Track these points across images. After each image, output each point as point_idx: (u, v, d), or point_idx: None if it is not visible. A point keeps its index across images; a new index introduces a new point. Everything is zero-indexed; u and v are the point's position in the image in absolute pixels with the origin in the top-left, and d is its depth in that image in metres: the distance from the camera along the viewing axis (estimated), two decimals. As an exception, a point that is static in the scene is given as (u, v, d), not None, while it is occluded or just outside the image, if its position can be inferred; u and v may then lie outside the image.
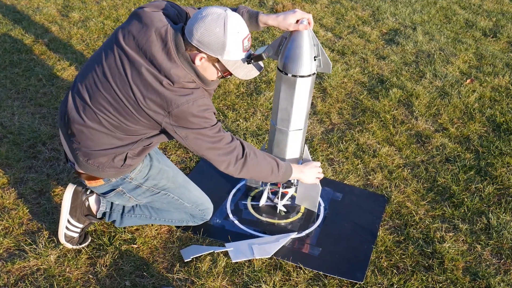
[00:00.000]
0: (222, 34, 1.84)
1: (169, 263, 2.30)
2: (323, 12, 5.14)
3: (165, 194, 2.31)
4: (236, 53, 1.91)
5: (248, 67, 1.98)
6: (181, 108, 1.89)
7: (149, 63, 1.88)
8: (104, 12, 4.72)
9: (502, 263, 2.42)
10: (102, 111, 1.99)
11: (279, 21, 2.11)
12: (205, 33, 1.84)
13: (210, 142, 2.01)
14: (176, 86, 1.89)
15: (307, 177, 2.39)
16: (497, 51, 4.55)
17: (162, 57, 1.88)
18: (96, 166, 2.09)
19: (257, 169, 2.17)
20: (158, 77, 1.88)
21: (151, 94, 1.89)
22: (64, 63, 3.82)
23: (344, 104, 3.61)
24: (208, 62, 1.93)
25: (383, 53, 4.37)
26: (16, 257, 2.27)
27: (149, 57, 1.88)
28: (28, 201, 2.56)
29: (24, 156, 2.86)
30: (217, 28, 1.83)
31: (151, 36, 1.89)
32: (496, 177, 2.95)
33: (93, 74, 1.99)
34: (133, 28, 1.94)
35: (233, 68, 1.94)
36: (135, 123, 1.98)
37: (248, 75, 2.00)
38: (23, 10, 4.64)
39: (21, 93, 3.45)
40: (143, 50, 1.89)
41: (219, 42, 1.86)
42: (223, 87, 3.68)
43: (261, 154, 2.18)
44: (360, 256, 2.40)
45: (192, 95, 1.91)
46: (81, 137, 2.06)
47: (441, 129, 3.41)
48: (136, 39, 1.90)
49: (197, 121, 1.95)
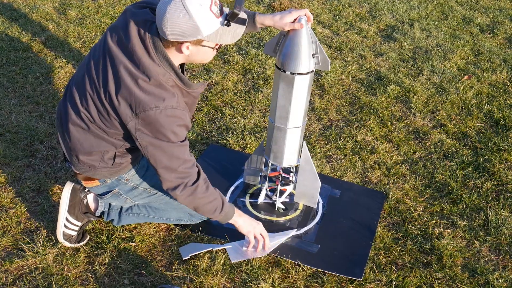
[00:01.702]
0: (187, 18, 1.77)
1: (168, 261, 2.30)
2: (320, 9, 5.13)
3: (162, 195, 2.30)
4: (212, 24, 1.83)
5: (232, 28, 1.89)
6: (148, 113, 1.83)
7: (128, 60, 1.86)
8: (101, 9, 4.71)
9: (500, 259, 2.43)
10: (88, 111, 1.98)
11: (275, 20, 2.09)
12: (173, 25, 1.79)
13: (169, 160, 1.94)
14: (152, 84, 1.84)
15: (244, 224, 2.29)
16: (495, 47, 4.55)
17: (142, 53, 1.85)
18: (88, 166, 2.10)
19: (201, 202, 2.10)
20: (134, 75, 1.84)
21: (123, 92, 1.85)
22: (62, 61, 3.81)
23: (342, 101, 3.61)
24: (195, 46, 1.88)
25: (381, 50, 4.37)
26: (14, 256, 2.26)
27: (130, 54, 1.86)
28: (26, 200, 2.56)
29: (22, 155, 2.86)
30: (180, 14, 1.77)
31: (132, 33, 1.87)
32: (494, 173, 2.96)
33: (84, 74, 2.00)
34: (119, 26, 1.93)
35: (219, 38, 1.88)
36: (111, 124, 1.96)
37: (235, 36, 1.92)
38: (19, 8, 4.62)
39: (18, 91, 3.44)
40: (125, 46, 1.87)
41: (191, 26, 1.79)
42: (221, 84, 3.67)
43: (212, 191, 2.11)
44: (358, 252, 2.40)
45: (163, 103, 1.83)
46: (71, 137, 2.07)
47: (439, 125, 3.41)
48: (120, 37, 1.90)
49: (163, 132, 1.87)
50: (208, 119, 3.30)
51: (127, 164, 2.14)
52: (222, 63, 3.98)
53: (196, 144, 3.05)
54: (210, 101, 3.47)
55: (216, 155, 2.98)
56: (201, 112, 3.36)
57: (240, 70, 3.88)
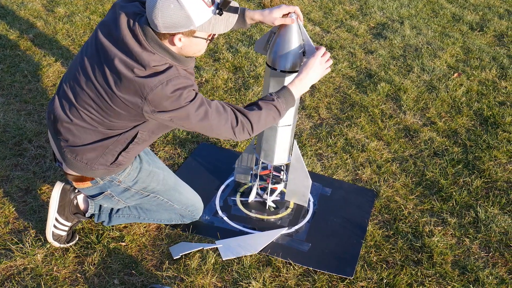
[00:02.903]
0: (179, 8, 1.74)
1: (158, 260, 2.28)
2: (310, 6, 5.13)
3: (155, 197, 2.29)
4: (204, 14, 1.80)
5: (224, 17, 1.86)
6: (156, 91, 1.81)
7: (121, 52, 1.83)
8: (90, 7, 4.67)
9: (490, 256, 2.44)
10: (86, 109, 1.95)
11: (264, 15, 2.08)
12: (164, 17, 1.76)
13: (198, 117, 1.91)
14: (148, 71, 1.82)
15: (315, 77, 2.08)
16: (484, 45, 4.57)
17: (133, 43, 1.83)
18: (84, 163, 2.06)
19: (263, 124, 2.02)
20: (129, 65, 1.81)
21: (124, 83, 1.83)
22: (50, 59, 3.77)
23: (332, 98, 3.61)
24: (187, 38, 1.85)
25: (371, 48, 4.38)
26: (2, 256, 2.24)
27: (121, 45, 1.83)
28: (14, 200, 2.53)
29: (10, 154, 2.82)
30: (171, 4, 1.74)
31: (122, 26, 1.85)
32: (483, 171, 2.97)
33: (76, 72, 1.96)
34: (109, 20, 1.91)
35: (212, 28, 1.84)
36: (118, 117, 1.93)
37: (228, 25, 1.88)
38: (7, 5, 4.57)
39: (6, 90, 3.40)
40: (116, 39, 1.85)
41: (182, 16, 1.76)
42: (211, 82, 3.65)
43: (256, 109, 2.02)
44: (349, 251, 2.40)
45: (164, 74, 1.81)
46: (68, 134, 2.03)
47: (429, 123, 3.42)
48: (110, 31, 1.88)
49: (175, 101, 1.84)
50: (198, 117, 3.28)
51: (124, 163, 2.10)
52: (212, 61, 3.97)
53: (186, 143, 3.03)
54: (201, 99, 3.45)
55: (206, 154, 2.97)
56: (192, 110, 3.33)
57: (230, 68, 3.87)
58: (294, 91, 2.07)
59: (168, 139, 3.04)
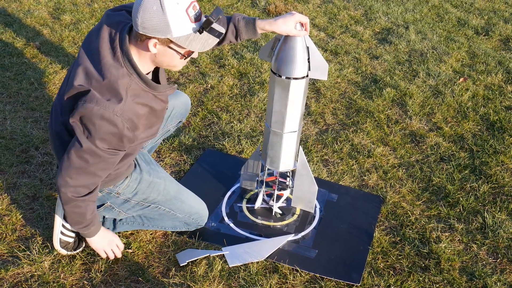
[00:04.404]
0: (160, 12, 1.70)
1: (165, 267, 2.28)
2: (315, 12, 5.13)
3: (156, 207, 2.28)
4: (184, 27, 1.75)
5: (204, 37, 1.79)
6: (87, 105, 1.75)
7: (89, 61, 1.81)
8: (95, 14, 4.69)
9: (498, 262, 2.42)
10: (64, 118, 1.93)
11: (278, 25, 2.04)
12: (144, 16, 1.72)
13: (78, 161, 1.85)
14: (104, 84, 1.77)
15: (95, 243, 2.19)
16: (490, 49, 4.56)
17: (107, 53, 1.81)
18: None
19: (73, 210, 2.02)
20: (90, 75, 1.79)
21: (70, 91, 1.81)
22: (56, 66, 3.79)
23: (338, 104, 3.61)
24: (162, 46, 1.79)
25: (376, 53, 4.37)
26: (9, 263, 2.24)
27: (93, 54, 1.82)
28: (21, 207, 2.54)
29: (17, 161, 2.84)
30: (154, 6, 1.70)
31: (103, 34, 1.85)
32: (490, 176, 2.96)
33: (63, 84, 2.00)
34: (94, 29, 1.92)
35: (187, 43, 1.78)
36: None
37: (205, 45, 1.82)
38: (14, 13, 4.60)
39: (13, 97, 3.42)
40: (91, 48, 1.85)
41: (161, 21, 1.71)
42: (217, 88, 3.66)
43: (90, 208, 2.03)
44: (356, 257, 2.39)
45: (105, 103, 1.75)
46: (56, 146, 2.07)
47: (435, 128, 3.41)
48: (91, 40, 1.88)
49: (91, 131, 1.78)
50: (204, 124, 3.29)
51: (121, 173, 2.09)
52: (217, 67, 3.98)
53: (192, 149, 3.04)
54: (206, 106, 3.46)
55: (212, 160, 2.97)
56: (197, 116, 3.35)
57: (236, 74, 3.87)
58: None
59: (174, 146, 3.05)
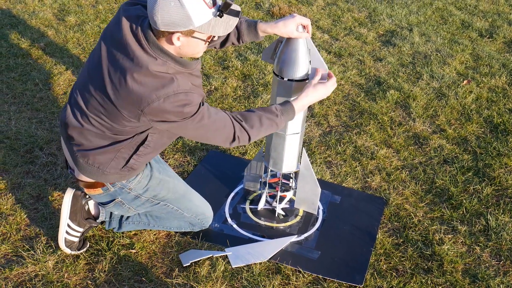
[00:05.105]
0: (179, 6, 1.73)
1: (168, 268, 2.29)
2: (319, 14, 5.14)
3: (165, 205, 2.30)
4: (204, 14, 1.78)
5: (225, 20, 1.83)
6: (152, 106, 1.81)
7: (122, 55, 1.84)
8: (100, 15, 4.71)
9: (501, 265, 2.42)
10: (97, 115, 1.96)
11: (279, 28, 2.07)
12: (164, 14, 1.75)
13: (195, 131, 1.95)
14: (147, 75, 1.81)
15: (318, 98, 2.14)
16: (494, 52, 4.56)
17: (136, 47, 1.83)
18: (96, 167, 2.06)
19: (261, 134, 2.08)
20: (129, 70, 1.81)
21: (122, 92, 1.83)
22: (61, 67, 3.81)
23: (341, 106, 3.61)
24: (186, 37, 1.82)
25: (380, 55, 4.38)
26: (14, 263, 2.26)
27: (123, 47, 1.84)
28: (25, 207, 2.55)
29: (21, 161, 2.85)
30: (172, 2, 1.73)
31: (124, 28, 1.86)
32: (494, 178, 2.96)
33: (85, 80, 1.99)
34: (112, 24, 1.93)
35: (211, 30, 1.81)
36: (126, 122, 1.93)
37: (228, 28, 1.86)
38: (19, 14, 4.63)
39: (18, 98, 3.44)
40: (118, 42, 1.86)
41: (182, 15, 1.74)
42: (220, 90, 3.67)
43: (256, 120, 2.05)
44: (359, 259, 2.39)
45: (162, 90, 1.80)
46: (80, 139, 2.04)
47: (439, 130, 3.41)
48: (113, 34, 1.89)
49: (173, 116, 1.85)
50: (207, 125, 3.29)
51: (136, 167, 2.11)
52: (221, 69, 3.99)
53: (196, 151, 3.05)
54: (210, 107, 3.46)
55: (216, 162, 2.98)
56: (201, 118, 3.35)
57: (239, 76, 3.88)
58: (297, 108, 2.13)
59: (178, 147, 3.06)
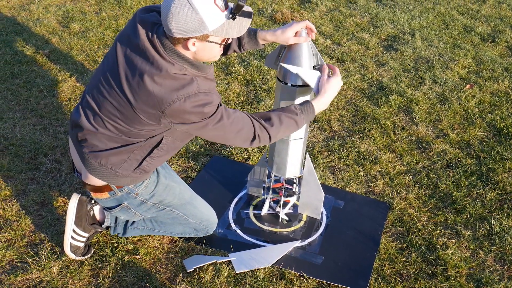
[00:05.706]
0: (192, 12, 1.76)
1: (172, 273, 2.30)
2: (322, 20, 5.16)
3: (171, 211, 2.31)
4: (218, 18, 1.81)
5: (238, 21, 1.87)
6: (173, 106, 1.84)
7: (142, 59, 1.86)
8: (104, 22, 4.74)
9: (505, 269, 2.42)
10: (111, 118, 1.98)
11: (277, 35, 2.11)
12: (178, 21, 1.78)
13: (215, 131, 1.96)
14: (167, 77, 1.84)
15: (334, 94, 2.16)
16: (496, 56, 4.56)
17: (153, 52, 1.86)
18: (108, 168, 2.07)
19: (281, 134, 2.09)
20: (148, 73, 1.83)
21: (141, 94, 1.85)
22: (65, 74, 3.83)
23: (344, 111, 3.62)
24: (201, 42, 1.86)
25: (382, 60, 4.39)
26: (18, 269, 2.27)
27: (141, 52, 1.87)
28: (30, 213, 2.56)
29: (26, 168, 2.87)
30: (185, 9, 1.76)
31: (141, 34, 1.88)
32: (497, 183, 2.95)
33: (99, 83, 2.00)
34: (128, 30, 1.95)
35: (225, 33, 1.85)
36: (142, 125, 1.95)
37: (242, 29, 1.90)
38: (23, 21, 4.66)
39: (22, 105, 3.46)
40: (136, 46, 1.88)
41: (196, 21, 1.78)
42: (224, 96, 3.68)
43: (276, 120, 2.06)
44: (363, 264, 2.39)
45: (182, 90, 1.83)
46: (92, 141, 2.05)
47: (442, 135, 3.42)
48: (130, 40, 1.91)
49: (194, 116, 1.88)
50: (211, 131, 3.30)
51: (148, 170, 2.12)
52: (224, 74, 4.00)
53: (199, 156, 3.06)
54: (213, 113, 3.47)
55: (219, 167, 2.99)
56: (204, 123, 3.36)
57: (242, 81, 3.90)
58: (317, 108, 2.13)
59: (181, 153, 3.07)
